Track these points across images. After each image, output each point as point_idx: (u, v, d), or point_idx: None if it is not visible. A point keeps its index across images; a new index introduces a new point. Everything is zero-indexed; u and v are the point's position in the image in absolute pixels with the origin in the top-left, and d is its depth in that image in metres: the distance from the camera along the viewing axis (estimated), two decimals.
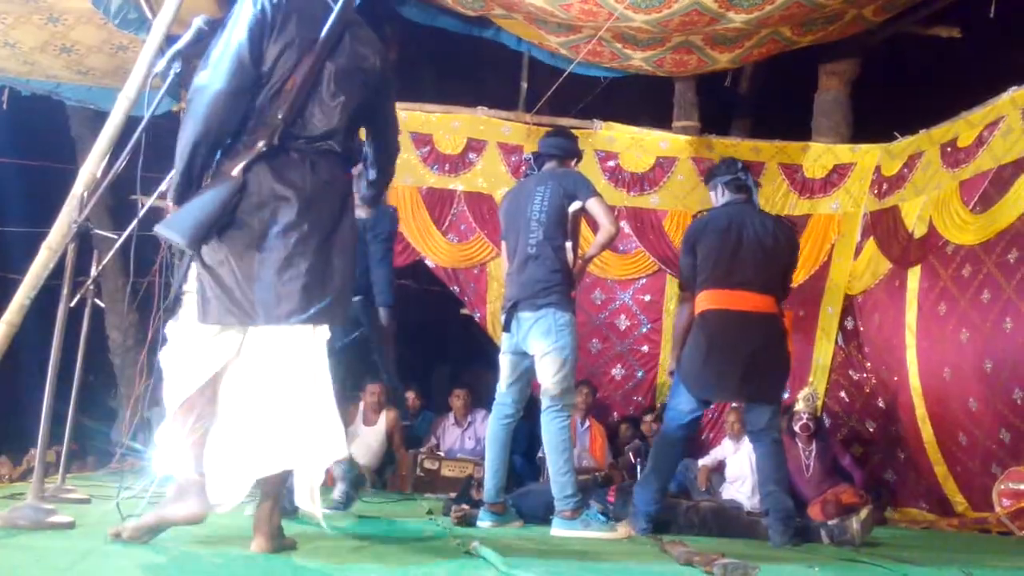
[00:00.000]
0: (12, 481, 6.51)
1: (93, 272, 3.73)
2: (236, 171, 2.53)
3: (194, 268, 2.56)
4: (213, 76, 2.54)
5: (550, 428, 3.97)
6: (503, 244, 4.28)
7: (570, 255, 4.04)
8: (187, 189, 2.56)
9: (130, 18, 5.33)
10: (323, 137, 2.65)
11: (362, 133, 2.92)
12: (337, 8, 2.69)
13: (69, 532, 2.85)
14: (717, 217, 4.22)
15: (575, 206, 4.01)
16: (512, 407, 4.16)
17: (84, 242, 3.22)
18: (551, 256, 3.98)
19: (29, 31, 5.55)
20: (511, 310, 3.99)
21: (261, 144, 2.55)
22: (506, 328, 4.09)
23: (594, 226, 4.27)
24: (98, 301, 3.91)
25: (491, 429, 4.15)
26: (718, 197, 4.32)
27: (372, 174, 3.05)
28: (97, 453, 7.57)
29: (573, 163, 4.29)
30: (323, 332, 2.61)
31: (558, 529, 3.85)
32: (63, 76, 6.11)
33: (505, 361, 4.12)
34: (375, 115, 2.88)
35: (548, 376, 3.92)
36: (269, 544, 2.55)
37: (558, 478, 3.91)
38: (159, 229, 2.52)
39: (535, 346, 3.94)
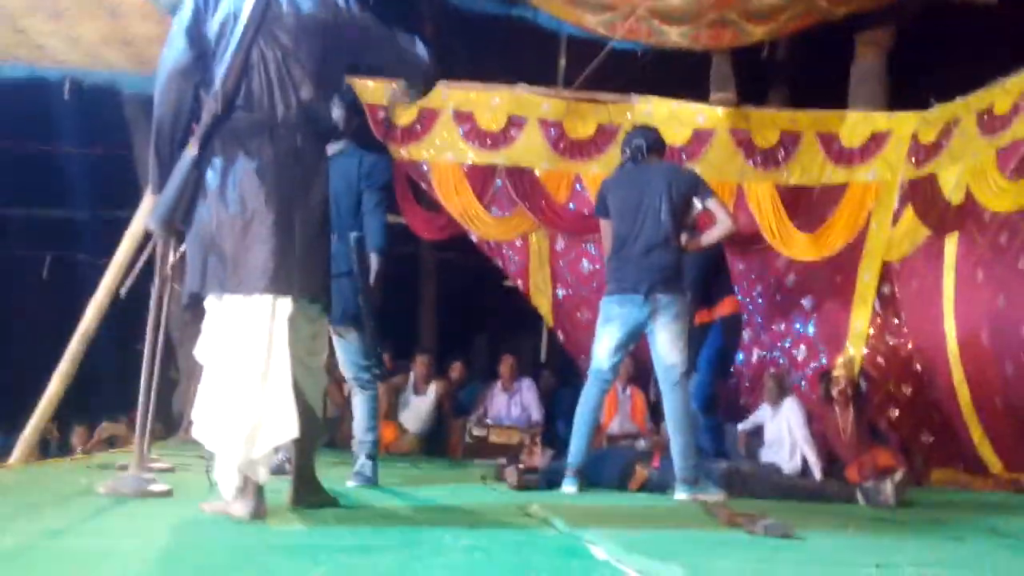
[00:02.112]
0: (85, 453, 6.88)
1: (172, 256, 3.94)
2: (192, 146, 2.68)
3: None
4: (165, 54, 2.74)
5: (681, 401, 4.33)
6: (607, 224, 4.59)
7: None
8: (160, 176, 2.71)
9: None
10: (279, 104, 2.75)
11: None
12: None
13: (169, 500, 3.16)
14: None
15: (697, 204, 4.48)
16: (612, 379, 4.63)
17: None
18: (676, 246, 4.42)
19: (92, 26, 5.84)
20: (647, 292, 4.32)
21: (210, 116, 2.69)
22: (624, 309, 4.39)
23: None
24: (176, 286, 4.18)
25: (587, 400, 4.47)
26: None
27: (413, 94, 3.20)
28: (161, 422, 7.96)
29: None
30: (285, 305, 2.67)
31: (682, 494, 4.17)
32: (123, 67, 6.41)
33: (614, 340, 4.44)
34: (365, 52, 2.99)
35: (676, 352, 4.32)
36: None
37: (686, 449, 4.24)
38: (146, 224, 2.74)
39: (665, 325, 4.33)
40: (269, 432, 2.62)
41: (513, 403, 7.55)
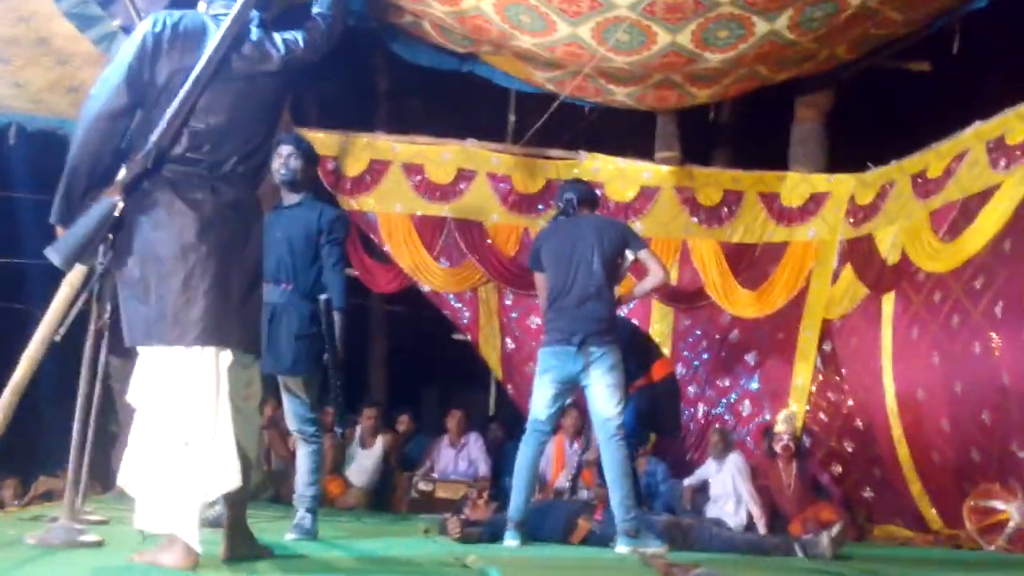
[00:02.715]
0: (21, 507, 6.70)
1: (110, 305, 3.92)
2: (116, 190, 2.65)
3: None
4: (96, 94, 2.69)
5: (618, 454, 4.29)
6: (541, 276, 4.64)
7: None
8: (67, 210, 2.66)
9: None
10: (223, 159, 2.76)
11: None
12: (218, 33, 2.78)
13: (99, 550, 3.11)
14: None
15: (629, 255, 4.53)
16: (550, 430, 4.59)
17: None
18: (609, 297, 4.46)
19: (38, 72, 5.86)
20: (581, 344, 4.33)
21: (141, 165, 2.67)
22: (558, 360, 4.40)
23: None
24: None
25: (526, 452, 4.46)
26: None
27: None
28: (99, 476, 7.78)
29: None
30: (226, 356, 2.69)
31: (623, 546, 4.16)
32: (68, 113, 6.41)
33: (551, 391, 4.45)
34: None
35: (611, 406, 4.32)
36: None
37: (625, 500, 4.23)
38: (46, 252, 2.66)
39: (600, 377, 4.33)
40: (212, 483, 2.63)
41: (460, 457, 7.53)
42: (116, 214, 2.67)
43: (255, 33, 2.92)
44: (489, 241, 7.62)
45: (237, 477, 2.66)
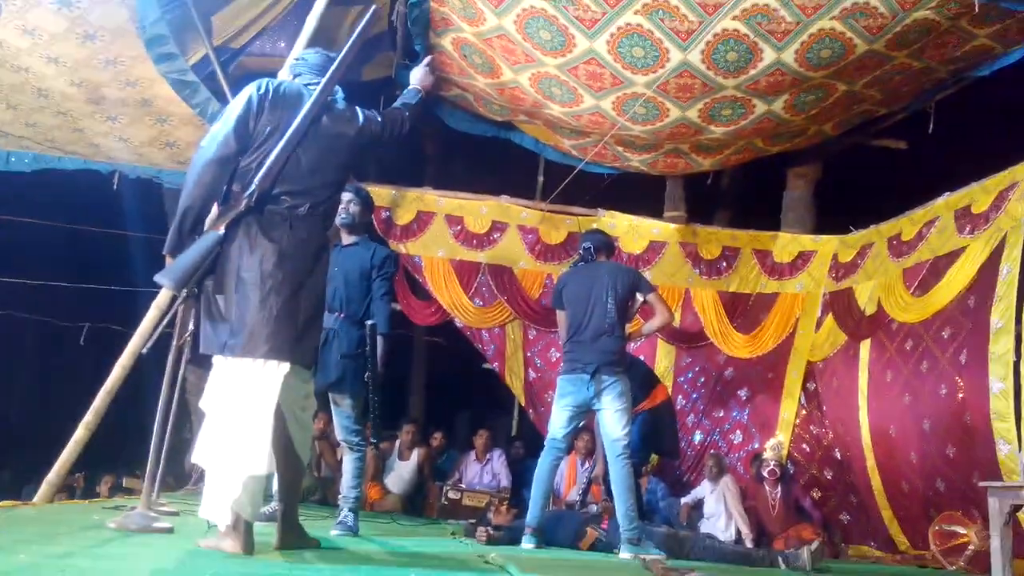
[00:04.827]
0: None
1: (192, 325, 3.97)
2: (220, 226, 2.75)
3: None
4: (208, 144, 2.79)
5: (624, 471, 4.29)
6: (562, 313, 4.66)
7: None
8: (178, 242, 2.74)
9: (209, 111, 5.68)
10: (301, 202, 2.84)
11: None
12: (310, 100, 2.91)
13: (170, 536, 3.12)
14: None
15: (639, 298, 4.58)
16: (566, 447, 4.59)
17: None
18: (620, 334, 4.49)
19: (141, 129, 5.98)
20: (594, 373, 4.35)
21: (242, 205, 2.76)
22: (574, 387, 4.42)
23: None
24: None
25: (544, 465, 4.48)
26: None
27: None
28: (173, 474, 7.81)
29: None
30: (283, 368, 2.72)
31: (626, 552, 4.14)
32: (164, 165, 6.54)
33: (567, 414, 4.47)
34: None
35: (619, 428, 4.34)
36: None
37: (629, 512, 4.22)
38: (157, 278, 2.75)
39: (610, 403, 4.36)
40: (246, 464, 2.63)
41: (485, 471, 7.47)
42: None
43: (341, 103, 3.04)
44: (517, 284, 7.63)
45: (264, 464, 2.65)
